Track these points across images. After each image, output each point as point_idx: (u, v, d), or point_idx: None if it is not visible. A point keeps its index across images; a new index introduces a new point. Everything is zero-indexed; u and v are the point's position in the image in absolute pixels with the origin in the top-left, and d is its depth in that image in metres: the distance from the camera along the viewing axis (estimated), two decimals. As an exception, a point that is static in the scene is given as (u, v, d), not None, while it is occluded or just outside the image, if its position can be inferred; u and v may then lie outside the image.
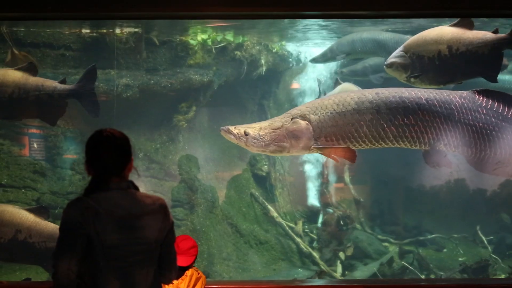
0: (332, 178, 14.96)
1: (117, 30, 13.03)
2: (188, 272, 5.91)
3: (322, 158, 14.47)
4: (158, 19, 11.12)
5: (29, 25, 12.11)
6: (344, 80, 11.85)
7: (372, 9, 6.94)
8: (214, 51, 13.96)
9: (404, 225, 14.83)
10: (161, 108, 13.20)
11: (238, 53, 14.28)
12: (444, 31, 8.74)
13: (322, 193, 14.79)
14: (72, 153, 12.72)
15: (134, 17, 10.29)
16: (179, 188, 12.88)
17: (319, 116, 7.77)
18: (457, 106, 7.91)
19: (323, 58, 13.93)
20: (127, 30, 13.03)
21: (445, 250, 14.45)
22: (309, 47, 15.57)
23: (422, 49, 8.95)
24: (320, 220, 14.43)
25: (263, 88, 15.08)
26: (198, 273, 5.92)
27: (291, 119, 7.81)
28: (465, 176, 14.57)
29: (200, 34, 13.78)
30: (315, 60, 14.24)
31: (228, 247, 13.03)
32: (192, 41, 13.76)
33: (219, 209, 13.28)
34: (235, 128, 7.81)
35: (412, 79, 8.74)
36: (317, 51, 14.50)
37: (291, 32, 14.86)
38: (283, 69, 15.55)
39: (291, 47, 15.61)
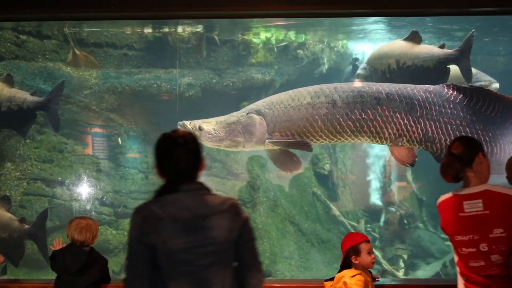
0: (394, 176, 14.75)
1: (179, 30, 13.04)
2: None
3: (384, 156, 14.29)
4: (220, 18, 11.08)
5: (92, 25, 12.19)
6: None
7: (434, 6, 6.83)
8: (276, 49, 13.89)
9: (468, 224, 14.49)
10: (223, 107, 13.01)
11: (300, 51, 14.08)
12: (394, 46, 8.78)
13: (385, 192, 14.50)
14: (135, 152, 12.73)
15: (195, 17, 10.25)
16: (242, 187, 12.86)
17: (273, 111, 7.65)
18: (420, 100, 7.57)
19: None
20: (189, 29, 12.98)
21: (507, 249, 14.15)
22: (371, 45, 15.41)
23: (377, 63, 9.05)
24: (382, 219, 14.17)
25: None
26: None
27: (247, 114, 7.74)
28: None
29: (264, 33, 13.74)
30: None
31: (290, 246, 12.81)
32: (255, 40, 13.72)
33: (281, 208, 13.06)
34: (190, 123, 7.81)
35: None
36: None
37: (353, 30, 14.70)
38: (345, 67, 15.41)
39: (353, 45, 15.44)
